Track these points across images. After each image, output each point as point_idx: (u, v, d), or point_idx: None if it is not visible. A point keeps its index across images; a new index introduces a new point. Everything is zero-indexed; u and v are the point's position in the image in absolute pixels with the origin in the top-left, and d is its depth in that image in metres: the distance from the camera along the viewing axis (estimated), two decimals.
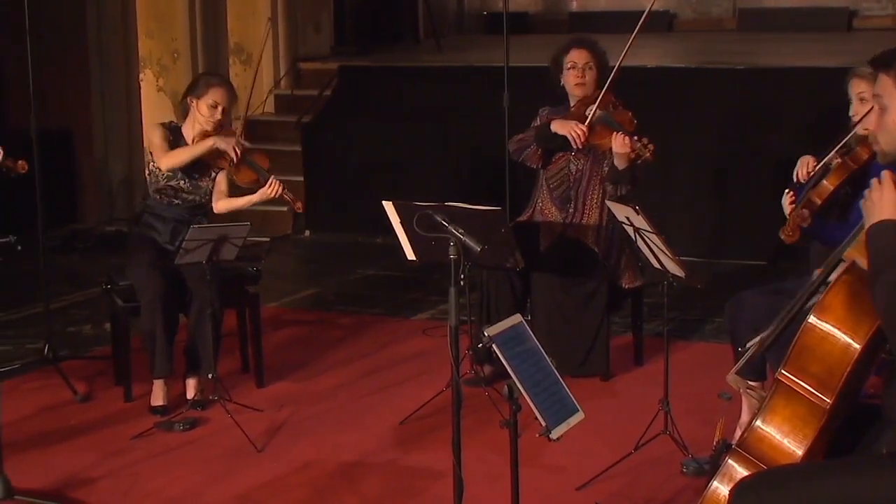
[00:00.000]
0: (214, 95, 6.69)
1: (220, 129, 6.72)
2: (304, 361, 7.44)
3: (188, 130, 6.78)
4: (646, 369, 7.08)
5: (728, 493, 3.62)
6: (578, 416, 4.18)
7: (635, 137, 6.51)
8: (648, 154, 6.47)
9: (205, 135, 6.68)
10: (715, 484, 3.74)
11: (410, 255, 6.22)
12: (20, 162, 5.57)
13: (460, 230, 4.79)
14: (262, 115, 12.62)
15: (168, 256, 6.62)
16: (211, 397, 6.45)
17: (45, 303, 7.51)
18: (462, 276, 4.87)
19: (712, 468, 3.85)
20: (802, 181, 5.76)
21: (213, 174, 6.78)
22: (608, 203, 6.42)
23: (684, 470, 5.60)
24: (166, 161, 6.66)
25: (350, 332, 8.07)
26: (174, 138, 6.77)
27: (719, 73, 10.52)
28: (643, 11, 6.56)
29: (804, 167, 5.79)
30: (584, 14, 16.52)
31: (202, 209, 6.84)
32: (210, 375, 6.42)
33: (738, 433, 5.12)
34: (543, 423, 4.02)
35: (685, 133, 9.90)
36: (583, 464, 5.67)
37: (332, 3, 13.86)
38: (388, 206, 6.06)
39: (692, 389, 6.45)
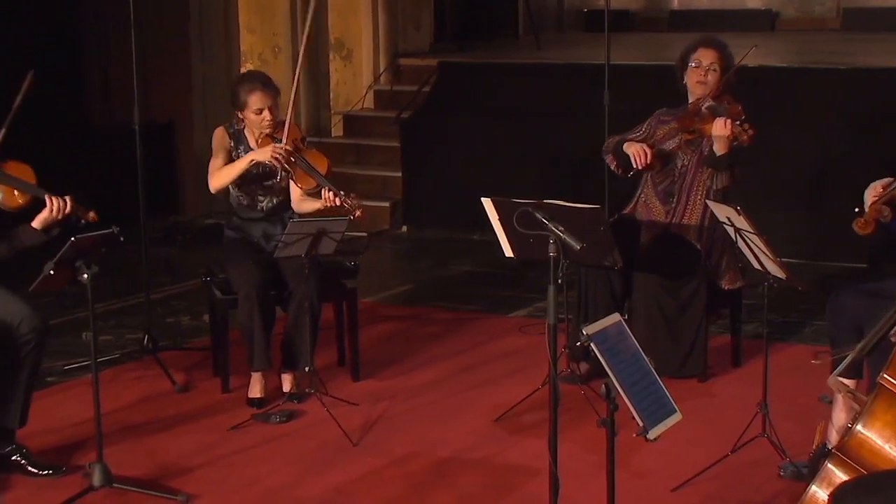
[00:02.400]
0: (255, 103, 6.67)
1: (276, 125, 6.71)
2: (401, 356, 7.46)
3: (250, 133, 6.81)
4: (744, 371, 7.01)
5: (827, 497, 3.58)
6: (676, 417, 4.15)
7: (737, 122, 6.48)
8: (746, 137, 6.46)
9: (266, 137, 6.68)
10: (814, 488, 3.70)
11: (508, 252, 6.20)
12: (90, 213, 5.62)
13: (560, 228, 4.78)
14: (361, 111, 12.67)
15: (263, 252, 6.67)
16: (307, 390, 6.48)
17: (146, 294, 7.61)
18: (560, 274, 4.85)
19: (811, 472, 3.82)
20: None
21: (282, 175, 6.80)
22: (709, 203, 6.38)
23: (781, 473, 5.54)
24: (212, 184, 6.76)
25: (446, 329, 8.08)
26: (236, 143, 6.81)
27: (822, 73, 10.40)
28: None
29: None
30: (685, 12, 16.41)
31: (284, 208, 6.87)
32: (307, 369, 6.46)
33: (835, 436, 5.06)
34: (641, 423, 3.99)
35: (787, 133, 9.79)
36: (678, 465, 5.62)
37: None
38: (487, 203, 6.05)
39: (791, 392, 6.38)
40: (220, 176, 6.72)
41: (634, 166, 6.79)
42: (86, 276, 5.28)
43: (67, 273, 5.32)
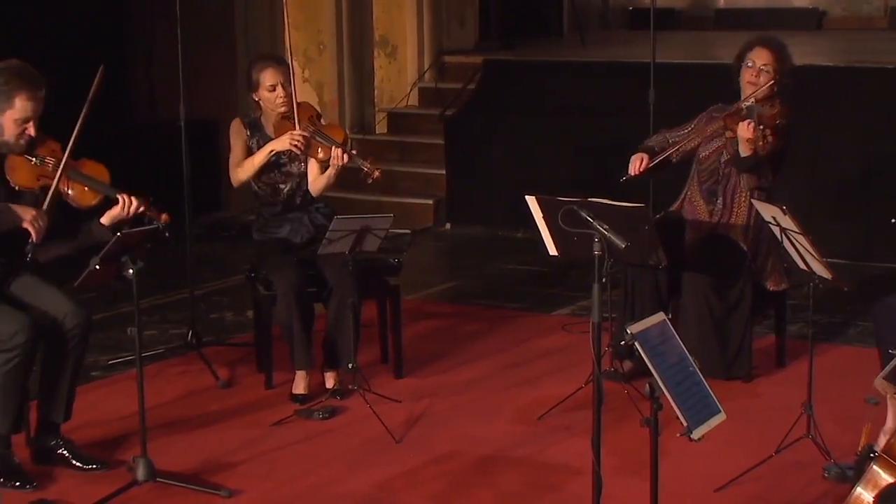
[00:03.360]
0: (268, 79, 6.71)
1: (291, 105, 6.72)
2: (443, 354, 7.46)
3: (266, 120, 6.84)
4: (788, 372, 6.97)
5: (872, 499, 3.56)
6: (720, 417, 4.14)
7: (761, 127, 6.46)
8: (762, 144, 6.49)
9: (282, 118, 6.71)
10: (859, 490, 3.69)
11: (552, 251, 6.19)
12: (164, 215, 5.65)
13: (605, 226, 4.77)
14: (406, 108, 12.67)
15: (294, 247, 6.69)
16: (350, 387, 6.49)
17: (190, 290, 7.64)
18: (605, 273, 4.84)
19: (856, 474, 3.79)
20: None
21: (298, 158, 6.82)
22: (755, 202, 6.35)
23: (826, 475, 5.50)
24: (235, 178, 6.81)
25: (489, 326, 8.07)
26: (253, 133, 6.84)
27: (869, 72, 10.33)
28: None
29: None
30: (731, 10, 16.35)
31: (306, 195, 6.88)
32: (350, 365, 6.46)
33: (883, 439, 5.03)
34: (685, 423, 3.98)
35: (833, 133, 9.73)
36: (722, 465, 5.60)
37: None
38: (532, 201, 6.04)
39: (836, 393, 6.34)
40: (242, 170, 6.76)
41: (629, 172, 6.78)
42: (131, 271, 5.30)
43: (113, 268, 5.35)
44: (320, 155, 6.69)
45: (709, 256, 6.78)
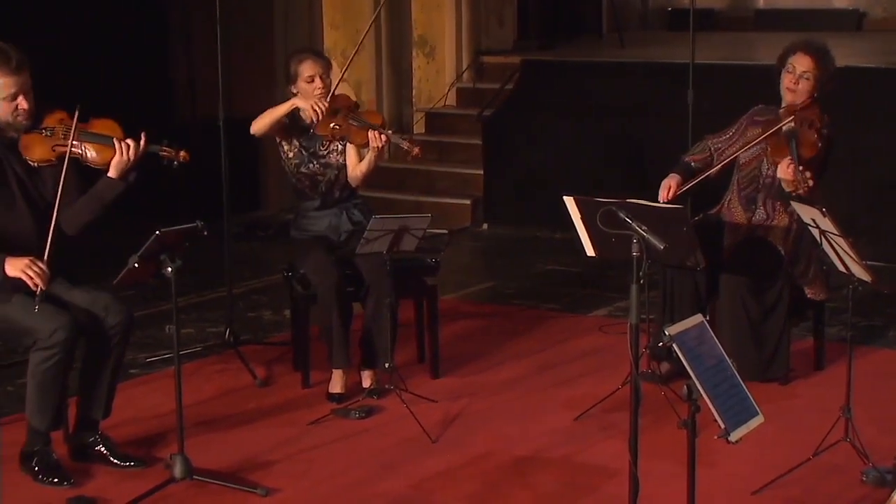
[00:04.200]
0: (306, 70, 6.77)
1: (329, 96, 6.75)
2: (480, 354, 7.45)
3: (305, 114, 6.86)
4: (826, 375, 6.94)
5: None
6: (758, 420, 4.13)
7: (801, 168, 6.39)
8: (802, 190, 6.38)
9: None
10: None
11: (590, 251, 6.17)
12: (182, 153, 5.67)
13: (643, 227, 4.75)
14: (444, 108, 12.68)
15: (336, 247, 6.71)
16: (387, 386, 6.50)
17: (228, 288, 7.66)
18: (642, 274, 4.83)
19: (895, 478, 3.77)
20: None
21: (338, 147, 6.84)
22: (794, 204, 6.31)
23: (864, 479, 5.47)
24: (254, 125, 6.85)
25: (526, 327, 8.07)
26: (291, 121, 6.87)
27: None
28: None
29: None
30: (770, 11, 16.27)
31: (345, 188, 6.90)
32: (387, 365, 6.47)
33: None
34: (722, 426, 3.97)
35: (873, 134, 9.68)
36: (759, 468, 5.58)
37: None
38: (570, 202, 6.03)
39: (875, 397, 6.32)
40: (262, 117, 6.82)
41: (659, 198, 6.75)
42: (169, 269, 5.32)
43: (151, 266, 5.37)
44: (358, 140, 6.72)
45: (746, 258, 6.75)
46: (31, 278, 5.39)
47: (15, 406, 6.22)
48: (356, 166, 6.85)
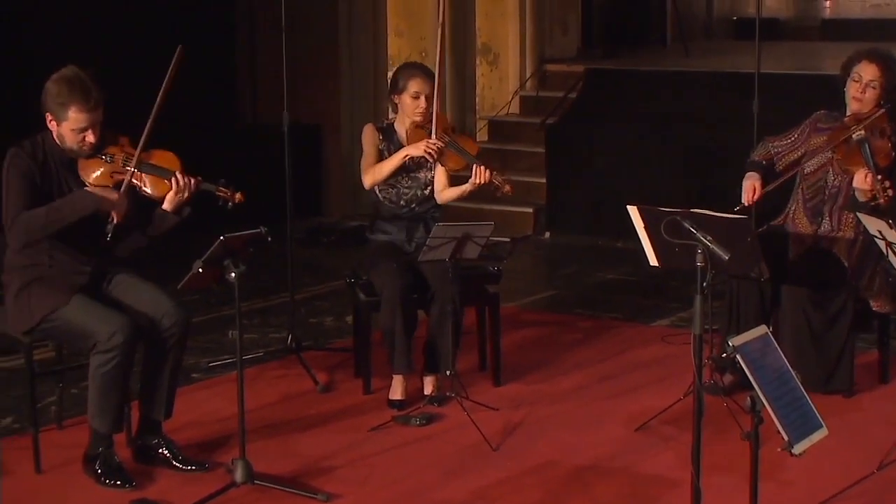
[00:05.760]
0: (414, 86, 6.77)
1: (428, 116, 6.77)
2: (542, 362, 7.44)
3: (400, 126, 6.88)
4: (891, 387, 6.87)
5: None
6: (822, 433, 4.10)
7: (879, 177, 6.33)
8: (882, 200, 6.30)
9: (416, 127, 6.78)
10: None
11: (653, 261, 6.14)
12: (238, 194, 5.70)
13: (708, 237, 4.73)
14: (507, 116, 12.67)
15: (406, 255, 6.72)
16: (448, 394, 6.50)
17: (291, 294, 7.69)
18: (706, 285, 4.81)
19: None
20: None
21: (428, 164, 6.85)
22: (860, 216, 6.25)
23: None
24: (367, 180, 6.87)
25: (588, 336, 8.05)
26: (385, 138, 6.88)
27: None
28: None
29: None
30: (837, 21, 16.18)
31: (429, 201, 6.91)
32: (448, 372, 6.47)
33: None
34: (786, 438, 3.95)
35: None
36: (822, 481, 5.53)
37: (580, 4, 13.84)
38: (633, 211, 6.00)
39: None
40: (375, 172, 6.82)
41: (742, 202, 6.69)
42: (233, 274, 5.35)
43: (215, 271, 5.41)
44: (452, 165, 6.77)
45: (810, 269, 6.69)
46: (117, 211, 5.53)
47: (79, 409, 6.26)
48: (445, 189, 6.87)
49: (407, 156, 6.75)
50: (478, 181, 6.65)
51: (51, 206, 5.53)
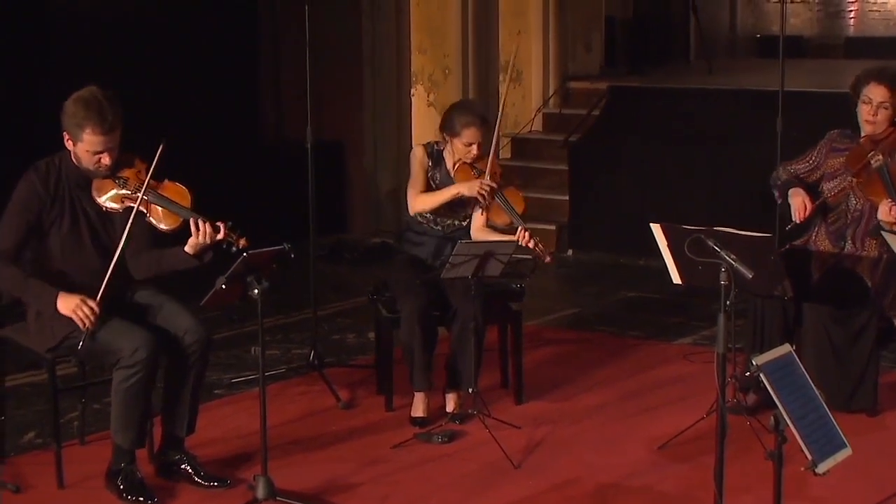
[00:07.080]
0: (468, 137, 6.74)
1: (479, 160, 6.78)
2: (564, 380, 7.43)
3: (448, 156, 6.88)
4: None
5: None
6: (846, 452, 4.08)
7: None
8: None
9: (464, 164, 6.79)
10: None
11: (676, 279, 6.13)
12: (242, 240, 5.68)
13: (732, 256, 4.72)
14: (530, 133, 12.68)
15: (430, 272, 6.71)
16: (470, 411, 6.50)
17: (313, 310, 7.69)
18: (729, 303, 4.79)
19: None
20: None
21: (472, 202, 6.84)
22: (884, 235, 6.23)
23: None
24: (413, 207, 6.87)
25: (610, 354, 8.03)
26: (434, 163, 6.89)
27: None
28: None
29: None
30: (861, 39, 16.16)
31: (463, 231, 6.91)
32: (470, 389, 6.47)
33: None
34: (809, 457, 3.93)
35: None
36: (846, 500, 5.52)
37: (604, 21, 13.86)
38: (656, 229, 6.00)
39: None
40: (423, 201, 6.83)
41: (794, 219, 6.66)
42: (256, 291, 5.36)
43: (238, 288, 5.41)
44: (496, 219, 6.80)
45: (832, 286, 6.67)
46: (81, 319, 5.46)
47: (101, 424, 6.27)
48: (482, 230, 6.85)
49: (459, 193, 6.76)
50: (521, 242, 6.59)
51: (24, 280, 5.54)
